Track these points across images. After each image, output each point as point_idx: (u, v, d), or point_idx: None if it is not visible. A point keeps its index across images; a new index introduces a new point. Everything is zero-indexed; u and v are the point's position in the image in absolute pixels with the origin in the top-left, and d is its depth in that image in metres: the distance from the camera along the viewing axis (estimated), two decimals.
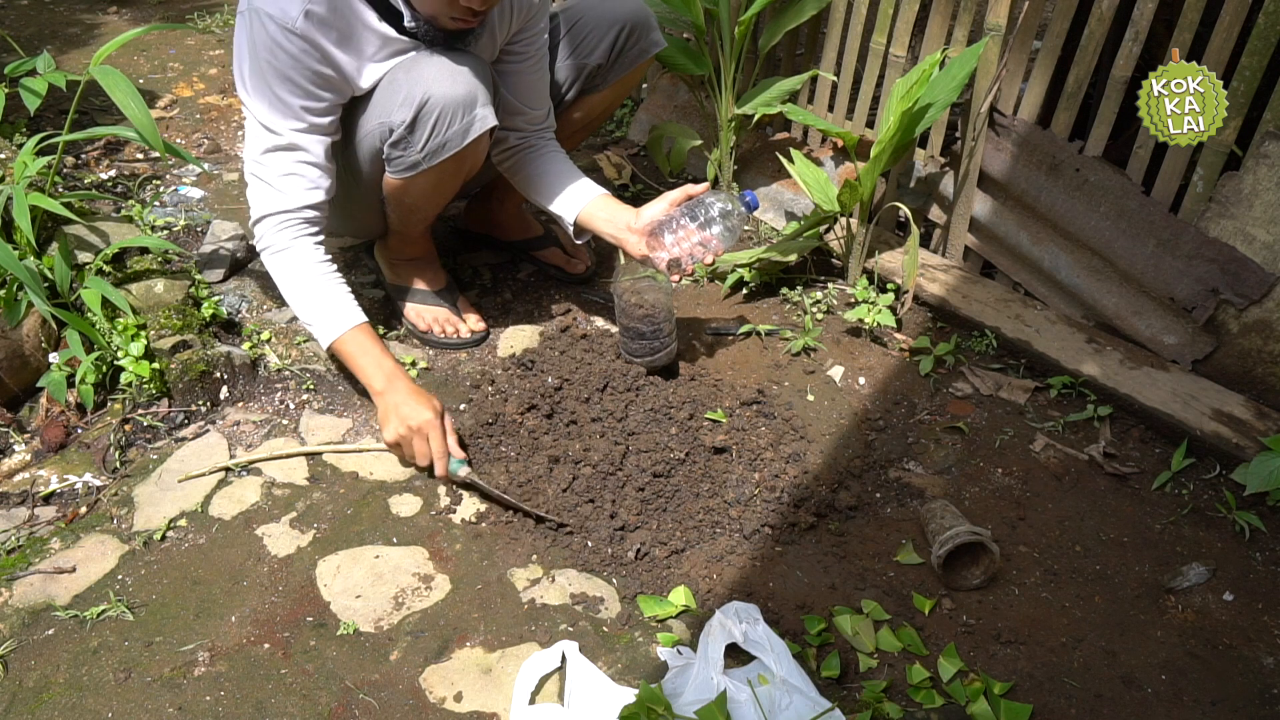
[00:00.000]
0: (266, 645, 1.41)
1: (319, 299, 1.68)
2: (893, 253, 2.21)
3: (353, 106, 1.71)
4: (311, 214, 1.68)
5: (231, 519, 1.62)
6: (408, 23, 1.61)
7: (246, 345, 1.94)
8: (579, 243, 1.98)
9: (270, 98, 1.58)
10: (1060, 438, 1.82)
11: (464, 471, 1.64)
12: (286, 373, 1.91)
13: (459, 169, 1.75)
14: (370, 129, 1.68)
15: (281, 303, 2.08)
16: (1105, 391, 1.86)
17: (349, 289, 1.72)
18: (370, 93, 1.68)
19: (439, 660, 1.40)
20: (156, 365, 1.80)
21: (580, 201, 1.82)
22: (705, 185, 1.75)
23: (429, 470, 1.68)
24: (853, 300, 2.14)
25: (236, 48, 1.59)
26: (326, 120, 1.64)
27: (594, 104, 2.04)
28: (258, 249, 1.71)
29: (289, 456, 1.74)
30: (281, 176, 1.64)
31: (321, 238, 1.71)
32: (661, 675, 1.36)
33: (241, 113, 2.94)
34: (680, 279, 1.75)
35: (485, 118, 1.65)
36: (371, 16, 1.59)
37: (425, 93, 1.60)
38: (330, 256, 1.72)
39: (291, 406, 1.86)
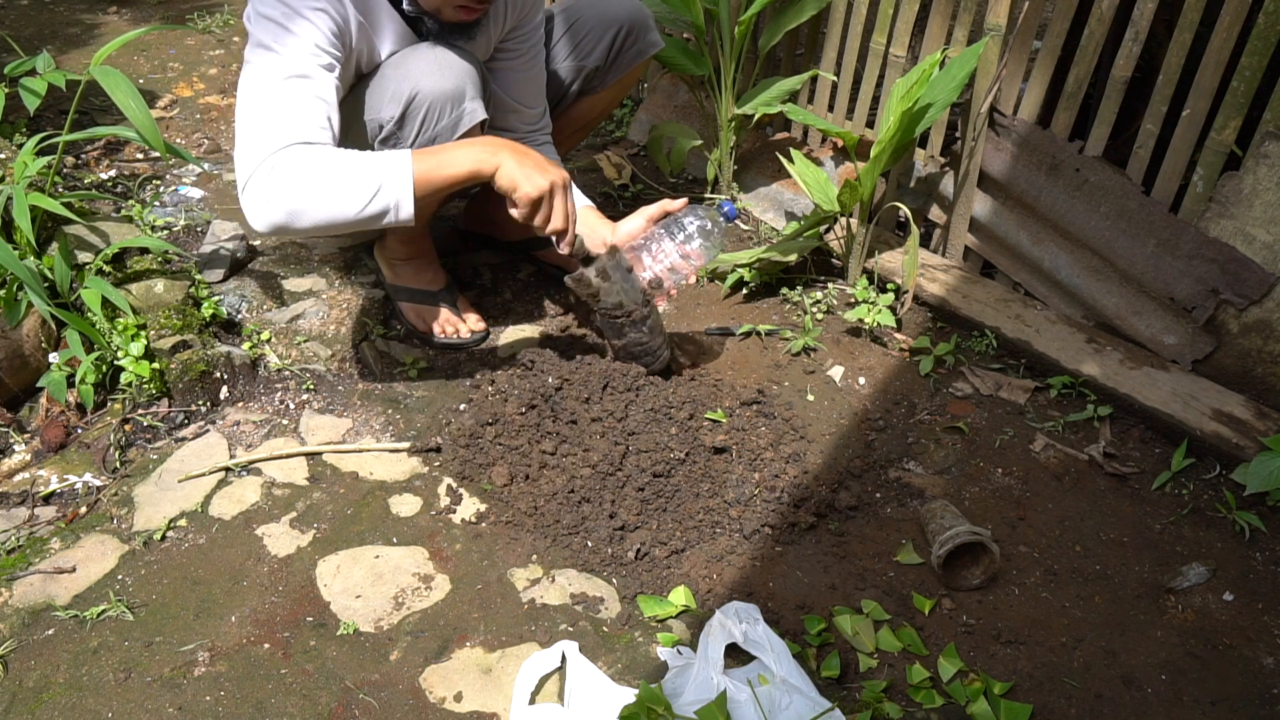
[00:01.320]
0: (266, 645, 1.41)
1: (363, 164, 1.40)
2: (893, 253, 2.21)
3: (343, 103, 1.71)
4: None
5: (231, 519, 1.62)
6: (405, 6, 1.61)
7: (246, 345, 1.94)
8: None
9: (290, 36, 1.41)
10: (1060, 438, 1.82)
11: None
12: (286, 373, 1.91)
13: None
14: (364, 125, 1.68)
15: (281, 302, 2.07)
16: (1105, 391, 1.86)
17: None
18: (360, 88, 1.67)
19: (439, 660, 1.40)
20: (156, 365, 1.80)
21: None
22: (683, 201, 1.73)
23: (559, 234, 1.53)
24: (853, 300, 2.14)
25: (257, 8, 1.45)
26: (339, 71, 1.51)
27: (592, 105, 2.04)
28: (248, 192, 1.38)
29: (289, 456, 1.74)
30: (301, 106, 1.41)
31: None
32: (661, 675, 1.36)
33: None
34: (663, 302, 1.74)
35: (475, 111, 1.65)
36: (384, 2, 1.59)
37: (413, 88, 1.59)
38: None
39: (291, 406, 1.86)
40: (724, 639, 1.36)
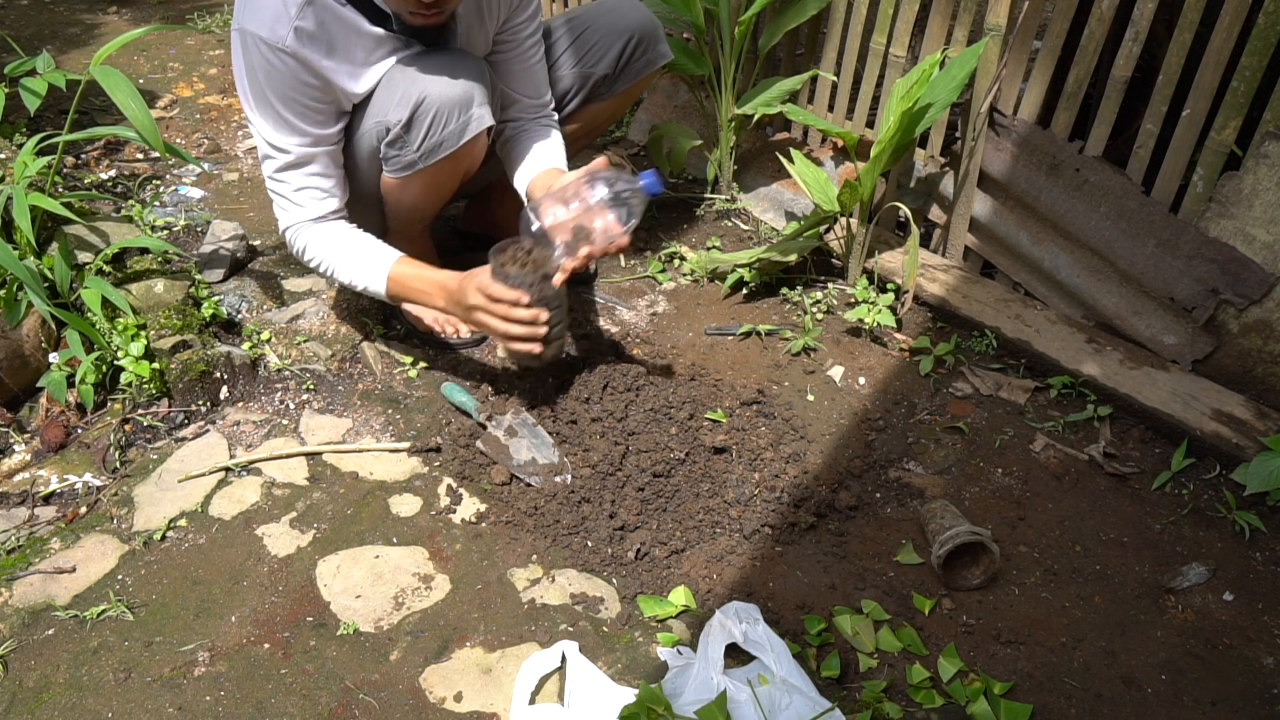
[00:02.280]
0: (266, 645, 1.41)
1: (355, 260, 1.71)
2: (893, 253, 2.21)
3: (354, 107, 1.72)
4: (332, 216, 1.75)
5: (231, 519, 1.62)
6: (396, 26, 1.62)
7: (246, 345, 1.94)
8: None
9: (274, 117, 1.61)
10: (1060, 438, 1.82)
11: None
12: (286, 373, 1.91)
13: (456, 169, 1.76)
14: (368, 128, 1.68)
15: (281, 302, 2.08)
16: (1105, 391, 1.86)
17: (375, 239, 1.74)
18: (369, 93, 1.68)
19: (439, 660, 1.40)
20: (156, 365, 1.80)
21: (529, 175, 1.82)
22: (601, 160, 1.60)
23: (525, 341, 1.59)
24: (853, 300, 2.14)
25: (235, 68, 1.61)
26: (330, 130, 1.67)
27: (597, 112, 2.03)
28: (295, 255, 1.77)
29: (289, 456, 1.74)
30: (296, 191, 1.69)
31: (345, 218, 1.77)
32: (661, 675, 1.36)
33: (242, 113, 2.95)
34: (573, 269, 1.57)
35: (482, 117, 1.66)
36: (362, 21, 1.59)
37: (421, 92, 1.60)
38: (355, 225, 1.76)
39: (291, 406, 1.86)
40: (724, 639, 1.36)
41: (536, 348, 1.59)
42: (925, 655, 1.42)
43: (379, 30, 1.61)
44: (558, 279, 1.58)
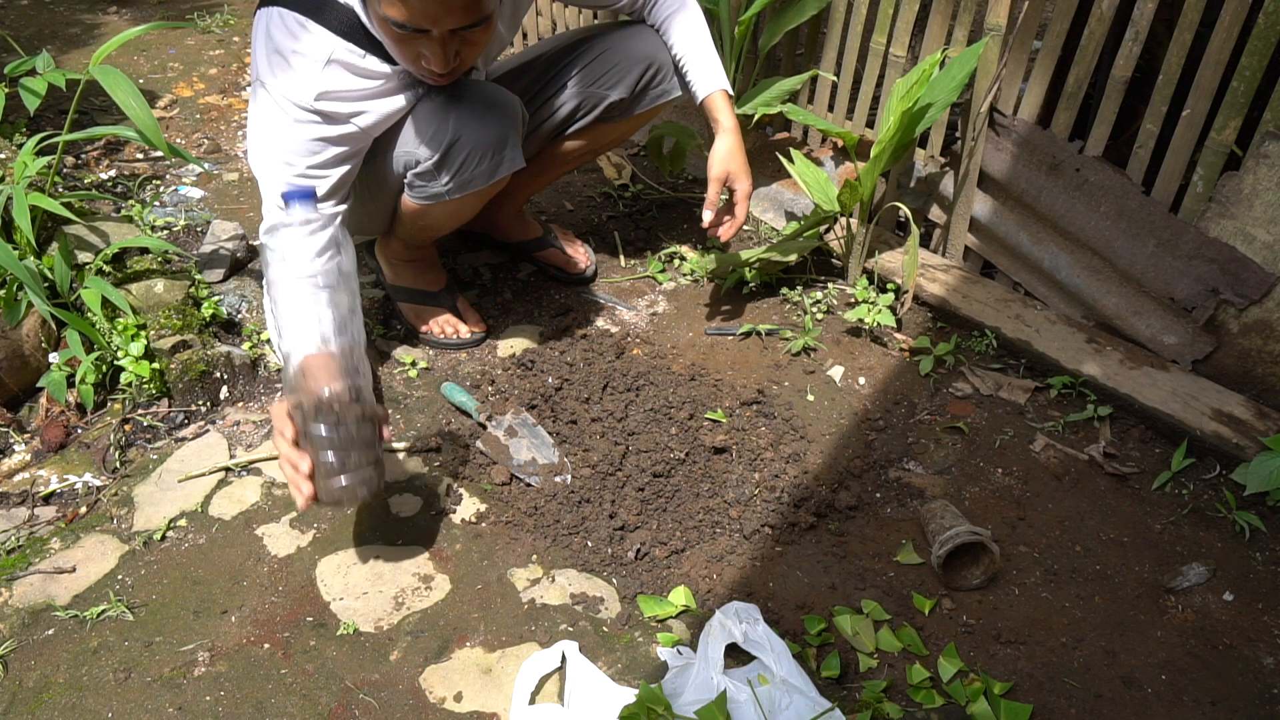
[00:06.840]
0: (266, 645, 1.41)
1: (281, 324, 1.44)
2: (893, 253, 2.21)
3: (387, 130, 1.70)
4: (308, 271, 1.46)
5: (231, 519, 1.62)
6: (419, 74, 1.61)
7: (246, 345, 1.94)
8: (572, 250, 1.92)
9: (282, 169, 1.51)
10: (1060, 438, 1.82)
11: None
12: None
13: (480, 201, 1.78)
14: (397, 155, 1.68)
15: None
16: (1105, 391, 1.86)
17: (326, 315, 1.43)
18: (399, 119, 1.66)
19: (439, 660, 1.40)
20: (156, 365, 1.80)
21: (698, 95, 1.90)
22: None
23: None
24: (853, 300, 2.14)
25: (251, 119, 1.55)
26: (342, 192, 1.59)
27: (606, 131, 2.02)
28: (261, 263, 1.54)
29: None
30: (290, 245, 1.46)
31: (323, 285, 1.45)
32: (661, 675, 1.36)
33: (242, 113, 2.95)
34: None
35: (514, 159, 1.67)
36: (385, 66, 1.57)
37: (456, 132, 1.61)
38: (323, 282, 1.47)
39: None
40: (724, 639, 1.36)
41: (299, 499, 1.34)
42: (925, 655, 1.42)
43: (400, 67, 1.60)
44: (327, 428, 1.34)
